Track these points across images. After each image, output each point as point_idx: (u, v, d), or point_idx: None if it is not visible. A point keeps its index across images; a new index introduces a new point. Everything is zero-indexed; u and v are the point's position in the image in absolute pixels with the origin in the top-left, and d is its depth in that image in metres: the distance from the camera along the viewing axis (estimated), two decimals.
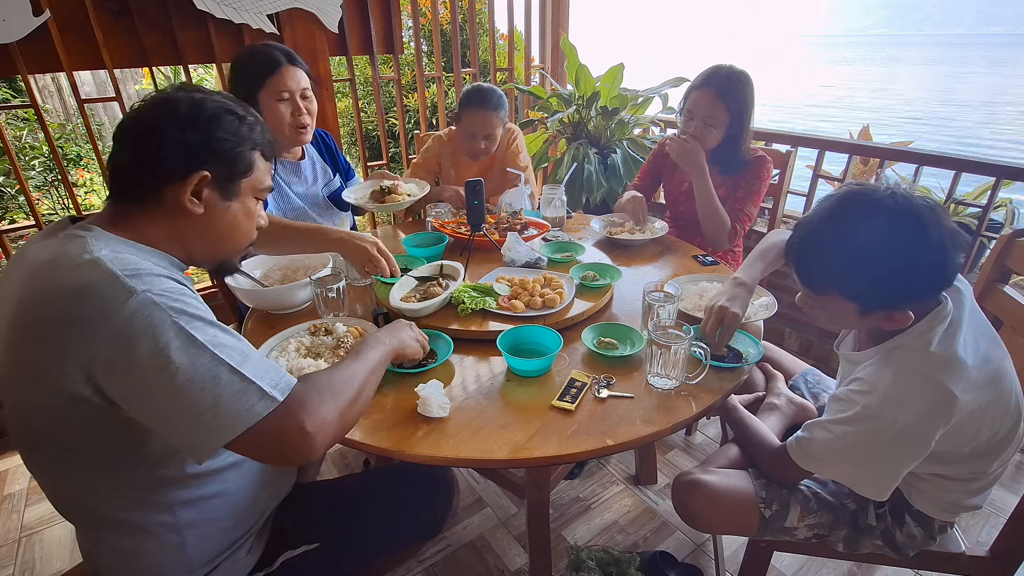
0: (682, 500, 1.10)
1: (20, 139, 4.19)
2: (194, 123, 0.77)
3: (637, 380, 1.08)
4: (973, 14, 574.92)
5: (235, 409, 0.68)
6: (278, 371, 0.74)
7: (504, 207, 1.84)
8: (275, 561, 0.95)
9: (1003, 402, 0.92)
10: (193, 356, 0.67)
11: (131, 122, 0.78)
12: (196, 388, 0.67)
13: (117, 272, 0.68)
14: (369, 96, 4.30)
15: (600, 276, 1.39)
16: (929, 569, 1.11)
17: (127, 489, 0.78)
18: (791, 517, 1.05)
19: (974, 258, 2.19)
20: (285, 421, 0.71)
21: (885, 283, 0.87)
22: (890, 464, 0.92)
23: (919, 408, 0.87)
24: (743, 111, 1.68)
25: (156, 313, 0.67)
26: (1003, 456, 0.96)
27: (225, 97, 0.83)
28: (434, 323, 1.22)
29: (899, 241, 0.84)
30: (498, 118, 1.93)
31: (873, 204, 0.86)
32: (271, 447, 0.71)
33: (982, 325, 0.96)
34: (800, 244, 0.94)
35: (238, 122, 0.81)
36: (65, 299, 0.67)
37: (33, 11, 1.77)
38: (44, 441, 0.75)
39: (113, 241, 0.74)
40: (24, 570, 1.57)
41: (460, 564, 1.55)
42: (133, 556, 0.82)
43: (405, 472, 1.13)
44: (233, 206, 0.84)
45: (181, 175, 0.77)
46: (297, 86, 1.53)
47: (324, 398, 0.76)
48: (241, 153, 0.81)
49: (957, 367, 0.87)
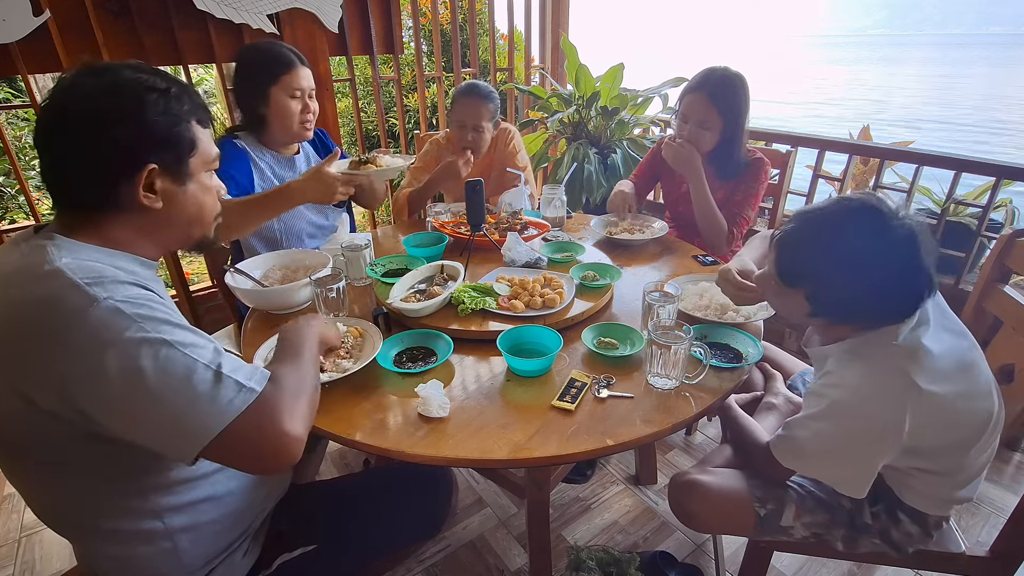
0: (678, 500, 1.10)
1: (20, 139, 4.19)
2: (121, 116, 0.70)
3: (637, 380, 1.08)
4: (973, 14, 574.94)
5: (212, 407, 0.67)
6: (251, 366, 0.74)
7: (504, 207, 1.85)
8: (272, 563, 0.95)
9: (974, 391, 0.94)
10: (164, 359, 0.65)
11: (50, 129, 0.71)
12: (171, 391, 0.65)
13: (78, 281, 0.65)
14: (369, 96, 4.30)
15: (600, 276, 1.39)
16: (929, 569, 1.11)
17: (112, 498, 0.77)
18: (786, 516, 1.06)
19: (974, 258, 2.19)
20: (263, 418, 0.69)
21: (853, 302, 0.91)
22: (863, 458, 0.93)
23: (887, 399, 0.89)
24: (737, 114, 1.68)
25: (120, 320, 0.65)
26: (981, 444, 0.96)
27: (136, 70, 0.74)
28: (434, 323, 1.22)
29: (888, 271, 0.86)
30: (486, 108, 1.94)
31: (880, 226, 0.86)
32: (250, 447, 0.69)
33: (947, 319, 0.98)
34: (791, 236, 0.95)
35: (163, 98, 0.73)
36: (28, 313, 0.65)
37: (33, 11, 1.77)
38: (24, 454, 0.74)
39: (75, 248, 0.71)
40: (24, 570, 1.57)
41: (460, 564, 1.55)
42: (126, 562, 0.81)
43: (405, 472, 1.12)
44: (190, 188, 0.79)
45: (128, 174, 0.72)
46: (308, 86, 1.60)
47: (296, 397, 0.75)
48: (179, 132, 0.75)
49: (923, 357, 0.89)
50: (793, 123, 12.60)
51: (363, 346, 1.16)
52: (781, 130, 2.57)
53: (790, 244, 0.96)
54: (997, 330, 1.20)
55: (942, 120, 15.83)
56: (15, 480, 0.79)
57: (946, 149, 2.27)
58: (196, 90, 0.82)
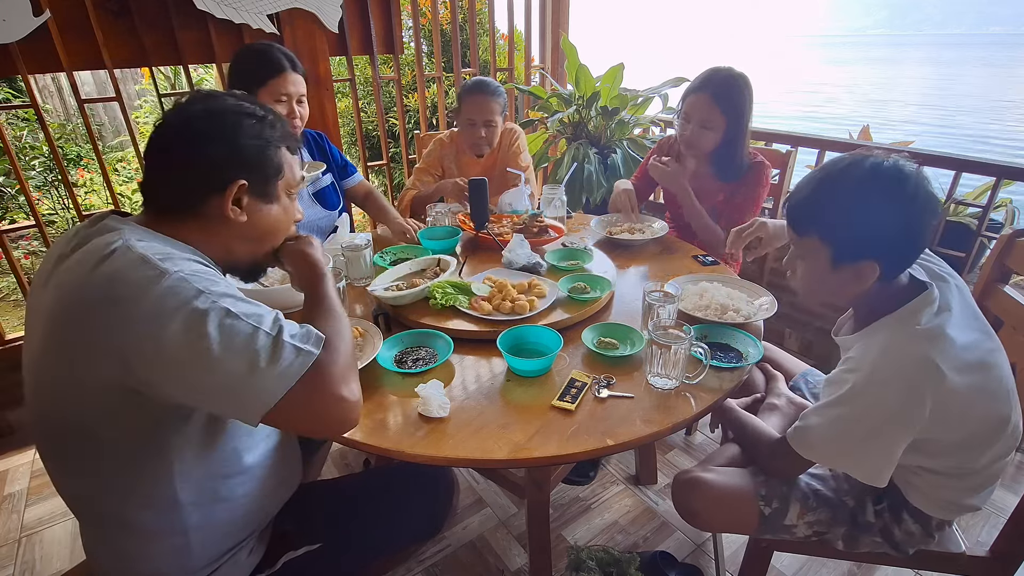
0: (682, 499, 1.10)
1: (20, 139, 4.19)
2: (220, 136, 0.78)
3: (637, 380, 1.08)
4: (973, 14, 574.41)
5: (273, 370, 0.70)
6: (304, 329, 0.77)
7: (504, 207, 1.84)
8: (276, 562, 0.95)
9: (992, 391, 0.93)
10: (227, 327, 0.69)
11: (157, 146, 0.79)
12: (234, 356, 0.68)
13: (148, 256, 0.70)
14: (369, 96, 4.30)
15: (591, 288, 1.34)
16: (929, 569, 1.11)
17: (142, 486, 0.78)
18: (791, 515, 1.05)
19: (974, 258, 2.20)
20: (321, 384, 0.73)
21: (860, 225, 0.90)
22: (883, 443, 0.91)
23: (906, 382, 0.87)
24: (740, 115, 1.66)
25: (187, 289, 0.69)
26: (993, 451, 0.96)
27: (238, 98, 0.83)
28: (434, 323, 1.23)
29: (882, 191, 0.88)
30: (496, 104, 1.95)
31: (874, 165, 0.89)
32: (311, 412, 0.73)
33: (974, 318, 0.97)
34: (798, 189, 0.98)
35: (259, 123, 0.82)
36: (99, 283, 0.69)
37: (33, 11, 1.77)
38: (69, 433, 0.76)
39: (147, 235, 0.77)
40: (24, 570, 1.57)
41: (460, 564, 1.55)
42: (135, 556, 0.82)
43: (405, 472, 1.13)
44: (274, 208, 0.86)
45: (219, 188, 0.79)
46: (296, 91, 1.58)
47: (348, 362, 0.79)
48: (269, 155, 0.83)
49: (944, 342, 0.88)
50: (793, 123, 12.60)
51: (363, 346, 1.16)
52: (781, 130, 2.57)
53: (796, 195, 0.97)
54: (997, 330, 1.20)
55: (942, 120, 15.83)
56: (50, 463, 0.81)
57: (946, 149, 2.27)
58: (287, 121, 0.89)
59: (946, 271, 1.02)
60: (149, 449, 0.76)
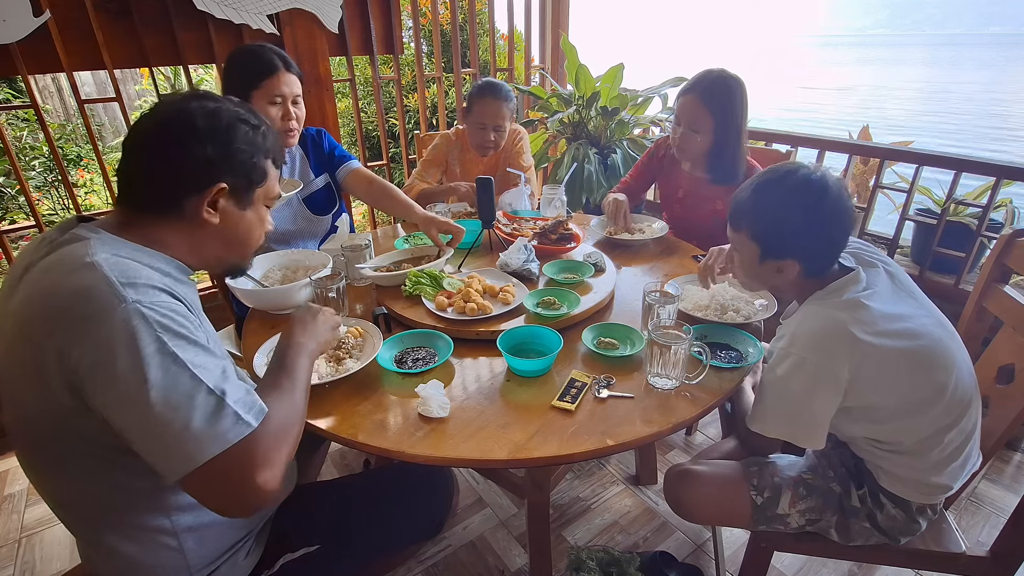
0: (674, 491, 1.11)
1: (20, 139, 4.19)
2: (212, 136, 0.78)
3: (637, 380, 1.08)
4: (973, 14, 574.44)
5: (207, 433, 0.67)
6: (251, 396, 0.74)
7: (504, 207, 1.84)
8: (275, 564, 0.95)
9: (925, 359, 0.97)
10: (172, 374, 0.67)
11: (146, 135, 0.78)
12: (170, 407, 0.66)
13: (112, 278, 0.69)
14: (369, 96, 4.31)
15: (560, 303, 1.28)
16: (929, 569, 1.11)
17: (124, 492, 0.77)
18: (783, 503, 1.07)
19: (974, 258, 2.19)
20: (243, 462, 0.69)
21: (785, 230, 1.00)
22: (806, 406, 0.97)
23: (819, 341, 0.95)
24: (730, 116, 1.62)
25: (141, 325, 0.67)
26: (937, 420, 0.98)
27: (236, 104, 0.83)
28: (434, 323, 1.23)
29: (806, 202, 0.99)
30: (507, 108, 1.96)
31: (804, 178, 1.00)
32: (222, 488, 0.69)
33: (909, 295, 1.04)
34: (742, 189, 1.07)
35: (252, 131, 0.82)
36: (62, 298, 0.68)
37: (33, 11, 1.77)
38: (42, 442, 0.75)
39: (118, 245, 0.75)
40: (24, 570, 1.57)
41: (460, 564, 1.55)
42: (131, 561, 0.82)
43: (405, 472, 1.13)
44: (248, 214, 0.86)
45: (200, 187, 0.78)
46: (290, 92, 1.54)
47: (282, 442, 0.75)
48: (256, 163, 0.83)
49: (860, 310, 0.95)
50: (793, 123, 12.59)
51: (363, 346, 1.16)
52: (781, 130, 2.57)
53: (740, 195, 1.06)
54: (997, 330, 1.20)
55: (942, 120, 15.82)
56: (31, 473, 0.81)
57: (946, 149, 2.27)
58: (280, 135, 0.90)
59: (877, 258, 1.08)
60: (123, 458, 0.74)
